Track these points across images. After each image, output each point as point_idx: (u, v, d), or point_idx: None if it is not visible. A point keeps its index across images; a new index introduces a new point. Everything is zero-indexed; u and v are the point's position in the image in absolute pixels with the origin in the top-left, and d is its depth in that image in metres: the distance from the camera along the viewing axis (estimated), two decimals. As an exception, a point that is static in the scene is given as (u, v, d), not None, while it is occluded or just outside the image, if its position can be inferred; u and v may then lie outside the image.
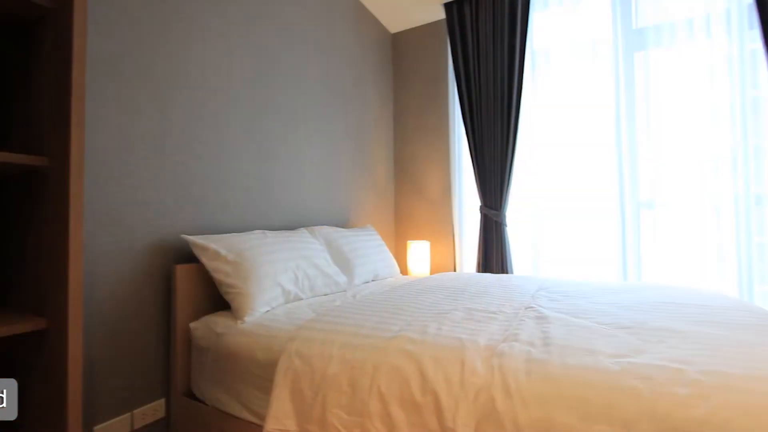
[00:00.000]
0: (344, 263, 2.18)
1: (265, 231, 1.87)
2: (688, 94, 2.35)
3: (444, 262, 3.16)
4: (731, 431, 0.74)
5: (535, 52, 2.75)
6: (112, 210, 1.45)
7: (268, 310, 1.57)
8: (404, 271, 3.31)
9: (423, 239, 3.25)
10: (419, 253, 3.01)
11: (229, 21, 1.94)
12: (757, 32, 2.10)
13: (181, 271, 1.57)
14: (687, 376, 0.85)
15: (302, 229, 2.16)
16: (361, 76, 3.02)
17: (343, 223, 2.77)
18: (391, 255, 2.66)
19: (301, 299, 1.77)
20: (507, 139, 2.70)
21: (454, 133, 3.09)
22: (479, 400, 0.91)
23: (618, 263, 2.48)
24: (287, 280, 1.70)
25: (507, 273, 2.71)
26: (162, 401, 1.58)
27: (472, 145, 2.85)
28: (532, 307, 1.42)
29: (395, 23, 3.32)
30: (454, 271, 3.06)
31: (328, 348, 1.14)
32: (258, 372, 1.27)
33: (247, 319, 1.46)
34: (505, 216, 2.73)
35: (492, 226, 2.77)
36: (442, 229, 3.16)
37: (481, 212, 2.82)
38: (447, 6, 2.95)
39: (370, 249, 2.42)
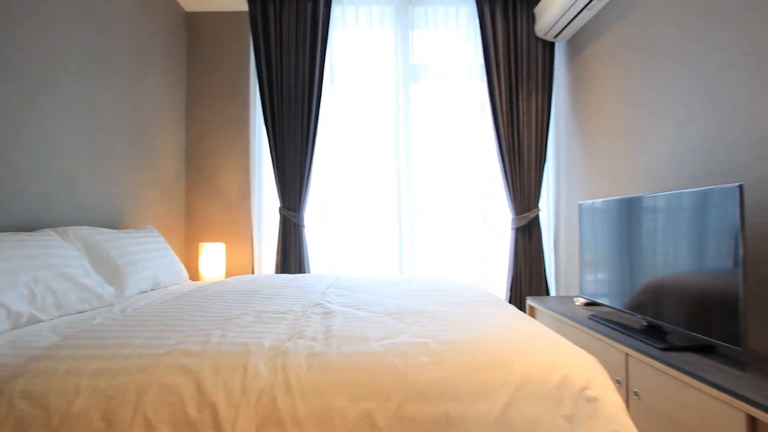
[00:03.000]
0: (112, 271, 1.81)
1: (-22, 234, 1.37)
2: (445, 122, 2.98)
3: (241, 265, 3.03)
4: (454, 385, 0.97)
5: (334, 65, 2.95)
6: None
7: (-22, 343, 1.15)
8: (195, 276, 3.00)
9: (218, 241, 3.03)
10: (213, 255, 2.78)
11: None
12: (485, 85, 2.84)
13: None
14: (429, 347, 1.07)
15: (48, 231, 1.68)
16: (143, 50, 2.57)
17: (115, 223, 2.30)
18: (177, 259, 2.37)
19: (42, 321, 1.37)
20: (306, 143, 2.80)
21: (254, 132, 3.00)
22: (261, 402, 0.91)
23: (396, 258, 2.92)
24: (16, 298, 1.29)
25: (304, 273, 2.81)
26: None
27: (272, 145, 2.83)
28: (320, 304, 1.52)
29: (191, 1, 2.98)
30: (252, 273, 2.97)
31: (74, 379, 0.92)
32: (-47, 431, 0.91)
33: (-66, 359, 1.03)
34: (303, 218, 2.82)
35: (290, 227, 2.82)
36: (240, 230, 3.02)
37: (280, 213, 2.83)
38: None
39: (148, 253, 2.08)
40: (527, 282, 2.81)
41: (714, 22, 1.65)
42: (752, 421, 1.08)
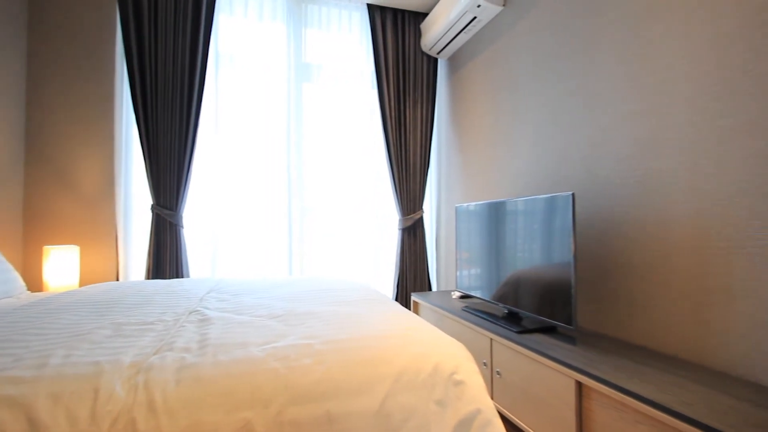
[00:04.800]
0: None
1: None
2: (337, 124, 3.01)
3: (103, 271, 2.61)
4: (338, 382, 0.99)
5: (221, 54, 2.74)
6: None
7: None
8: (38, 286, 2.50)
9: (69, 244, 2.56)
10: (63, 261, 2.35)
11: None
12: (375, 91, 2.95)
13: None
14: (313, 348, 1.07)
15: None
16: (-42, 5, 2.04)
17: None
18: (10, 267, 1.94)
19: None
20: (186, 135, 2.55)
21: (122, 117, 2.62)
22: (116, 428, 0.80)
23: (286, 259, 2.84)
24: None
25: (182, 277, 2.55)
26: None
27: (144, 135, 2.50)
28: (197, 311, 1.40)
29: (31, -47, 2.46)
30: (117, 280, 2.58)
31: None
32: None
33: None
34: (181, 217, 2.56)
35: (166, 228, 2.53)
36: (101, 231, 2.60)
37: (153, 212, 2.52)
38: (115, -36, 2.47)
39: (-36, 261, 1.66)
40: (412, 279, 3.00)
41: (557, 58, 1.99)
42: (579, 386, 1.32)
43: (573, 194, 1.52)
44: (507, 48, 2.41)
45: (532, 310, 1.72)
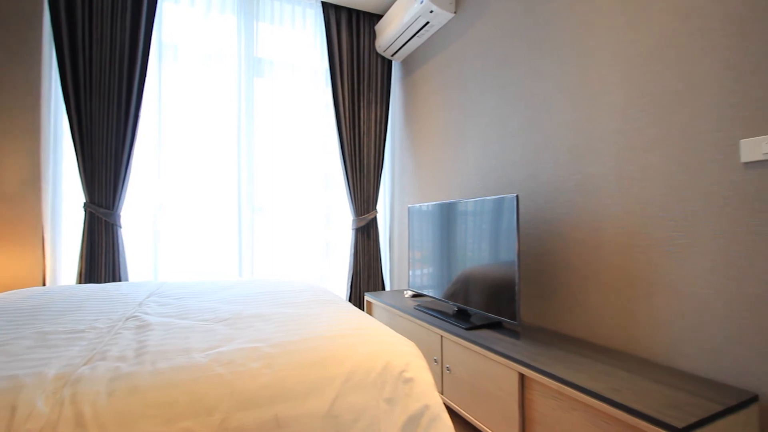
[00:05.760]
0: None
1: None
2: (290, 121, 2.95)
3: (26, 276, 2.37)
4: (287, 386, 0.97)
5: (163, 43, 2.59)
6: None
7: None
8: (-56, 294, 2.21)
9: (-15, 246, 2.30)
10: (-24, 265, 2.10)
11: None
12: (330, 89, 2.93)
13: None
14: (261, 351, 1.04)
15: None
16: None
17: None
18: None
19: None
20: (125, 128, 2.38)
21: (50, 107, 2.39)
22: (37, 446, 0.73)
23: (236, 260, 2.74)
24: None
25: (119, 281, 2.38)
26: None
27: (76, 128, 2.30)
28: (135, 316, 1.32)
29: None
30: (44, 285, 2.36)
31: None
32: None
33: None
34: (119, 216, 2.38)
35: (101, 228, 2.35)
36: (24, 232, 2.36)
37: (86, 210, 2.33)
38: (42, -61, 2.25)
39: None
40: (366, 278, 3.01)
41: (503, 66, 2.08)
42: (522, 377, 1.40)
43: (517, 196, 1.59)
44: (458, 54, 2.49)
45: (480, 307, 1.79)
